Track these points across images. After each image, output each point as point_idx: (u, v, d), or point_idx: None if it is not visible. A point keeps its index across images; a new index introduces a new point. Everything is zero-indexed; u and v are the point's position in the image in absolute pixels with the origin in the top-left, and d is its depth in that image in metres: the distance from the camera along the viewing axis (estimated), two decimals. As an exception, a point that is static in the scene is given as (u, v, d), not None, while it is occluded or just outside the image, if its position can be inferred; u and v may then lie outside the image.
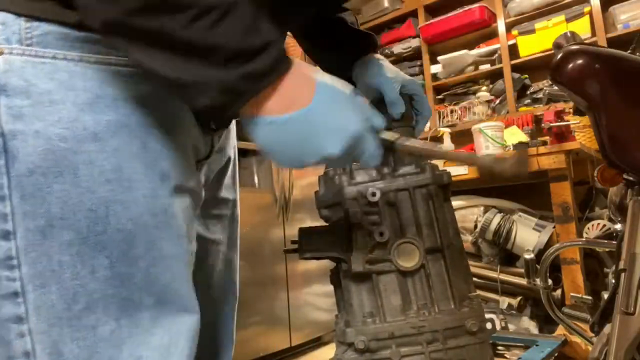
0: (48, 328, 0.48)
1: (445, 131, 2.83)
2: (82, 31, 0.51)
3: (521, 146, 2.27)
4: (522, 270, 2.15)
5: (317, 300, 2.72)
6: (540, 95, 3.09)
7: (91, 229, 0.49)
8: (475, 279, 2.19)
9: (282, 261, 2.52)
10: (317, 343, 2.73)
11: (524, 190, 2.58)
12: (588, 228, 2.15)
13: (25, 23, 0.49)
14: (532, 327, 2.28)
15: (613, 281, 0.98)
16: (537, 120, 2.84)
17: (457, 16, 3.41)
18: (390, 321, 0.66)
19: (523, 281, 2.29)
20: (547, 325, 2.25)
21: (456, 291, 0.68)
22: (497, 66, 3.30)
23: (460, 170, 2.39)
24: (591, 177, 2.31)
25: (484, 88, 3.44)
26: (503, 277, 2.39)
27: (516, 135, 2.52)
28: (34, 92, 0.48)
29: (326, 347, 2.69)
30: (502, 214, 2.47)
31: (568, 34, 1.01)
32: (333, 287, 0.75)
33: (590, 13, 2.96)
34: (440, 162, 2.49)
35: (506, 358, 1.87)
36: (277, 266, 2.50)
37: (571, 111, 2.10)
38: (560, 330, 1.87)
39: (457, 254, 0.70)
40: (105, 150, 0.50)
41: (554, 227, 2.28)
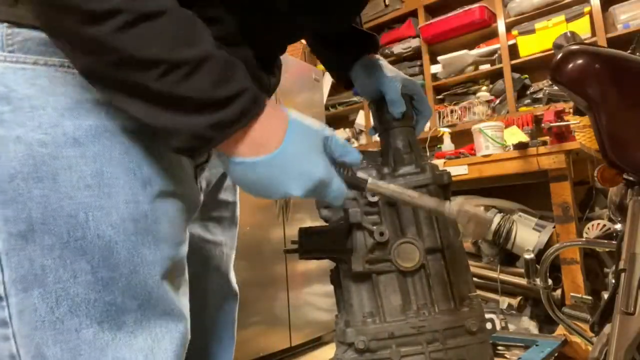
0: (31, 331, 0.48)
1: (445, 131, 2.83)
2: None
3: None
4: (522, 270, 2.15)
5: (317, 300, 2.72)
6: (540, 95, 3.09)
7: (71, 235, 0.49)
8: (475, 279, 2.19)
9: (282, 261, 2.52)
10: (317, 343, 2.73)
11: (524, 190, 2.57)
12: (588, 228, 2.15)
13: (6, 29, 0.49)
14: (532, 327, 2.28)
15: (613, 281, 0.98)
16: (537, 120, 2.83)
17: (457, 16, 3.41)
18: (390, 321, 0.66)
19: (523, 281, 2.29)
20: (547, 325, 2.25)
21: (456, 291, 0.68)
22: (497, 66, 3.30)
23: (460, 170, 2.39)
24: (591, 177, 2.31)
25: (484, 88, 3.43)
26: (503, 277, 2.39)
27: (516, 135, 2.51)
28: (15, 98, 0.48)
29: (326, 347, 2.69)
30: (502, 214, 2.47)
31: (568, 34, 1.01)
32: (333, 287, 0.75)
33: (590, 13, 2.96)
34: (440, 162, 2.49)
35: (506, 358, 1.87)
36: (277, 266, 2.50)
37: (571, 111, 2.10)
38: (560, 330, 1.87)
39: (457, 254, 0.70)
40: (85, 155, 0.50)
41: (554, 227, 2.28)
